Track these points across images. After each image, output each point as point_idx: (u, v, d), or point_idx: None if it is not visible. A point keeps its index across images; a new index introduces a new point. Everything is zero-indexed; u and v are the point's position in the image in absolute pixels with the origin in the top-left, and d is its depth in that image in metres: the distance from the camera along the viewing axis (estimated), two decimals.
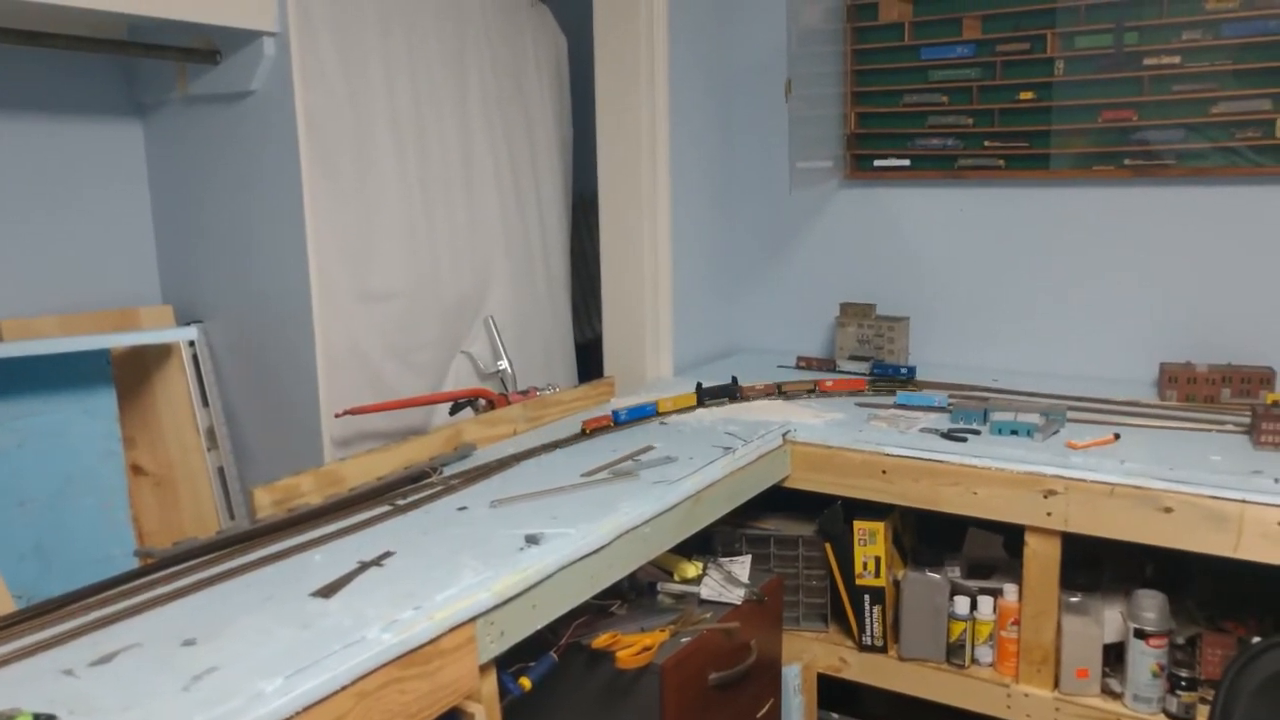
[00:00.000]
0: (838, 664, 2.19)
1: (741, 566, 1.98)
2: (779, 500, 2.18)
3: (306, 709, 1.11)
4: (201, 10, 1.94)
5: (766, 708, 1.98)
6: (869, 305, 2.75)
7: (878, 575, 2.10)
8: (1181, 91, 2.35)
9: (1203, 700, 1.86)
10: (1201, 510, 1.75)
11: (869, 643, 2.14)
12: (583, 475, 1.84)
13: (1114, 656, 1.94)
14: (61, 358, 2.11)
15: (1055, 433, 2.04)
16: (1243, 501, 1.72)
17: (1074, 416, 2.12)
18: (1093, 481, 1.84)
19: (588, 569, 1.56)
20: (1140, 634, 1.86)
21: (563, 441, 2.06)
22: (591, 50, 2.63)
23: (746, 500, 2.03)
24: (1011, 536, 2.04)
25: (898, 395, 2.32)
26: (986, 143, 2.60)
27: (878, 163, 2.76)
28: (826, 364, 2.74)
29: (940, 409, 2.22)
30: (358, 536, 1.56)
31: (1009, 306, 2.66)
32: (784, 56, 2.60)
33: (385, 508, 1.68)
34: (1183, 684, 1.85)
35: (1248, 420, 2.03)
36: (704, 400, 2.33)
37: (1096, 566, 2.03)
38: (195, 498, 2.31)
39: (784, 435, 2.14)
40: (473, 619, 1.34)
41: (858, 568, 2.11)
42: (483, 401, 2.30)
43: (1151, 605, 1.87)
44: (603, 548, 1.58)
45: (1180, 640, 1.91)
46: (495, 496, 1.72)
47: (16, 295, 2.13)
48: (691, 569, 1.93)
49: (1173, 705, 1.86)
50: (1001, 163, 2.59)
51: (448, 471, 1.87)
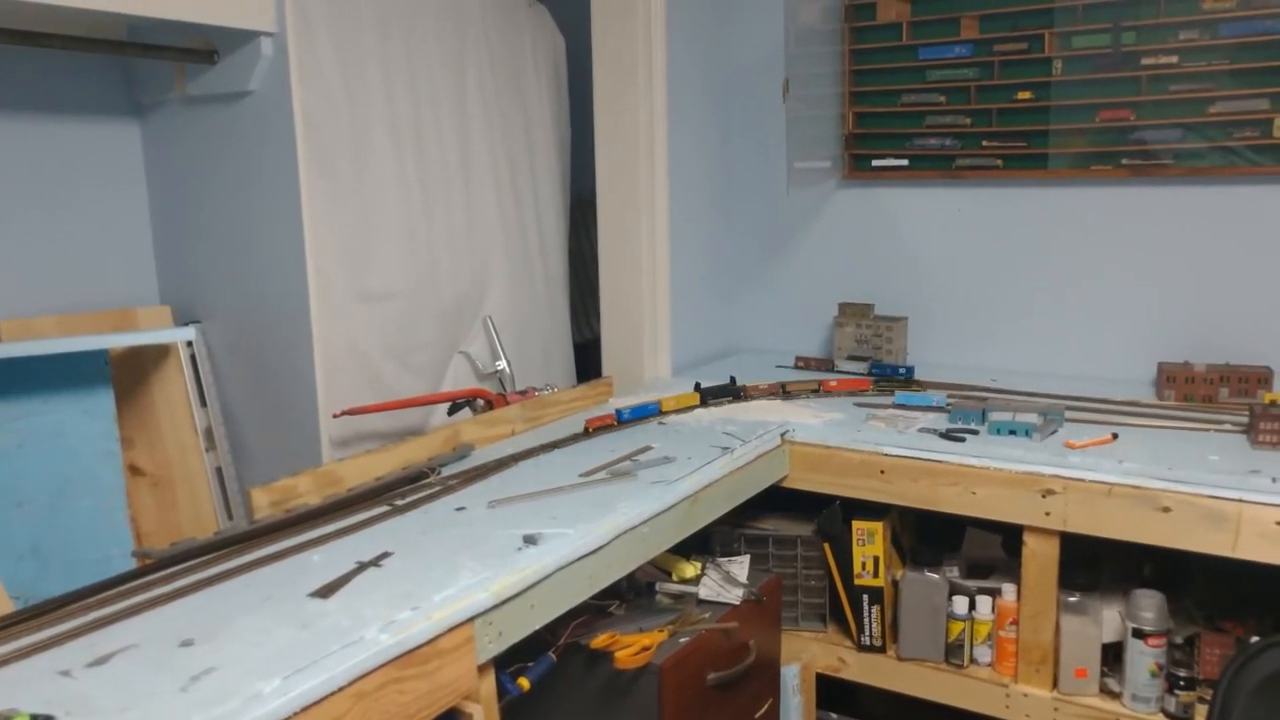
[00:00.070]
0: (836, 664, 2.19)
1: (740, 566, 1.98)
2: (777, 500, 2.18)
3: (305, 709, 1.11)
4: (199, 10, 1.94)
5: (765, 708, 1.98)
6: (867, 305, 2.76)
7: (876, 575, 2.10)
8: (1179, 91, 2.35)
9: (1201, 700, 1.86)
10: (1199, 510, 1.75)
11: (868, 643, 2.14)
12: (581, 475, 1.84)
13: (1112, 656, 1.94)
14: (60, 358, 2.10)
15: (1053, 432, 2.04)
16: (1241, 501, 1.72)
17: (1072, 416, 2.12)
18: (1091, 481, 1.84)
19: (586, 569, 1.56)
20: (1139, 634, 1.87)
21: (561, 442, 2.06)
22: (590, 50, 2.63)
23: (745, 500, 2.03)
24: (1010, 536, 2.04)
25: (896, 395, 2.32)
26: (984, 143, 2.60)
27: (876, 163, 2.76)
28: (825, 364, 2.74)
29: (939, 409, 2.22)
30: (356, 537, 1.56)
31: (1007, 306, 2.66)
32: (782, 56, 2.61)
33: (383, 508, 1.68)
34: (1181, 684, 1.86)
35: (1246, 420, 2.03)
36: (706, 400, 2.34)
37: (1095, 566, 2.03)
38: (193, 498, 2.30)
39: (782, 435, 2.14)
40: (471, 619, 1.34)
41: (856, 568, 2.11)
42: (481, 402, 2.30)
43: (1150, 605, 1.87)
44: (601, 548, 1.58)
45: (1178, 640, 1.91)
46: (493, 497, 1.72)
47: (15, 295, 2.13)
48: (690, 569, 1.93)
49: (1171, 705, 1.87)
50: (999, 162, 2.59)
51: (446, 472, 1.87)
